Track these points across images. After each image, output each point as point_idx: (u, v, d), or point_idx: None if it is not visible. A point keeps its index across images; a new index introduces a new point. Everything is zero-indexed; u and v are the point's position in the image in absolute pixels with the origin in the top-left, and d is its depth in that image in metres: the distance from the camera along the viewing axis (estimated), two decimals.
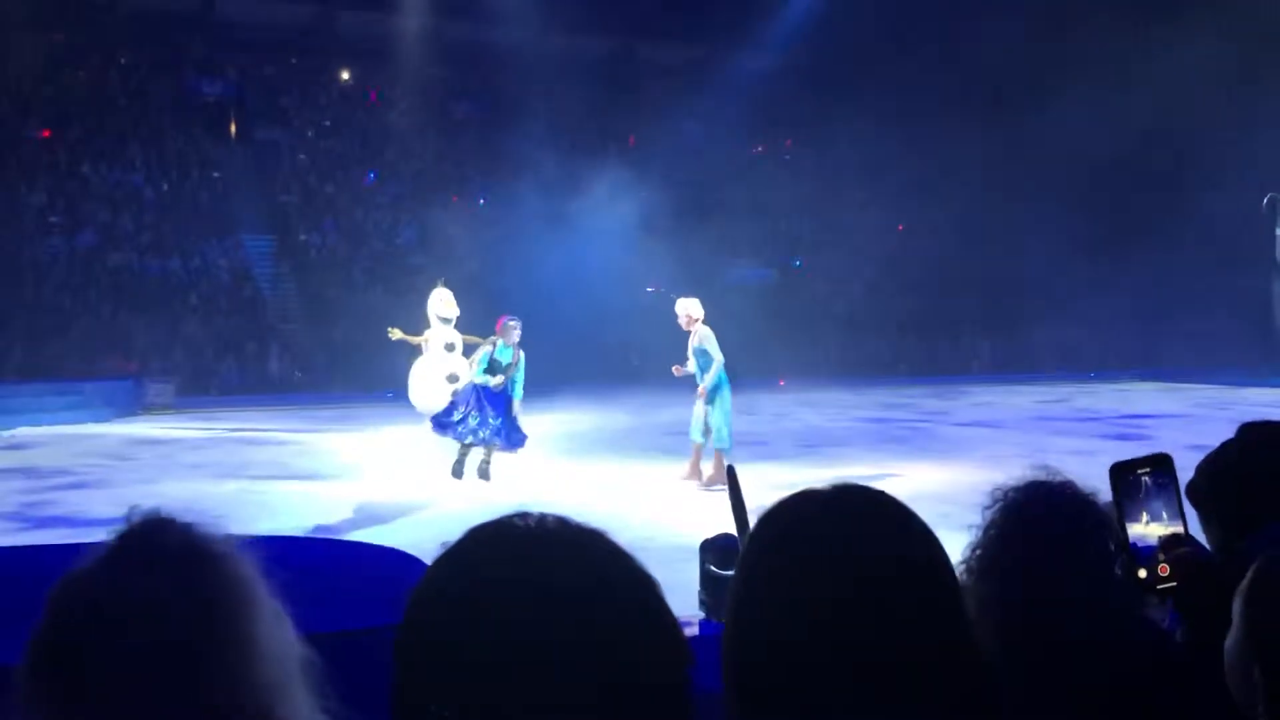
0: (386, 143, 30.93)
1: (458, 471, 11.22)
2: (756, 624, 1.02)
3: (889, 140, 28.73)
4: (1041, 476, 1.86)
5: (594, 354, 25.03)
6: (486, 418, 11.26)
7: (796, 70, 32.16)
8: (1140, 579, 1.70)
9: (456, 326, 13.41)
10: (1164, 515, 1.72)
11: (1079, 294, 25.92)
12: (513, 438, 11.39)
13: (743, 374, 15.16)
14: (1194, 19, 25.19)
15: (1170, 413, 18.29)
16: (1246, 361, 26.50)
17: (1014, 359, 27.59)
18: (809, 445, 14.48)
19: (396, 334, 13.17)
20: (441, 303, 13.46)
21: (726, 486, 2.62)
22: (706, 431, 11.12)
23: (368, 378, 23.19)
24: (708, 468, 11.06)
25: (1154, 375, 25.46)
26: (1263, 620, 1.28)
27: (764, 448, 13.75)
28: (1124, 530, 1.73)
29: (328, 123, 31.19)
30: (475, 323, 13.63)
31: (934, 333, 28.36)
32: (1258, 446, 1.99)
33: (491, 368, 11.43)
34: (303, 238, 27.80)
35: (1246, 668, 1.28)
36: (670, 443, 13.33)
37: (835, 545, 1.01)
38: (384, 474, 12.14)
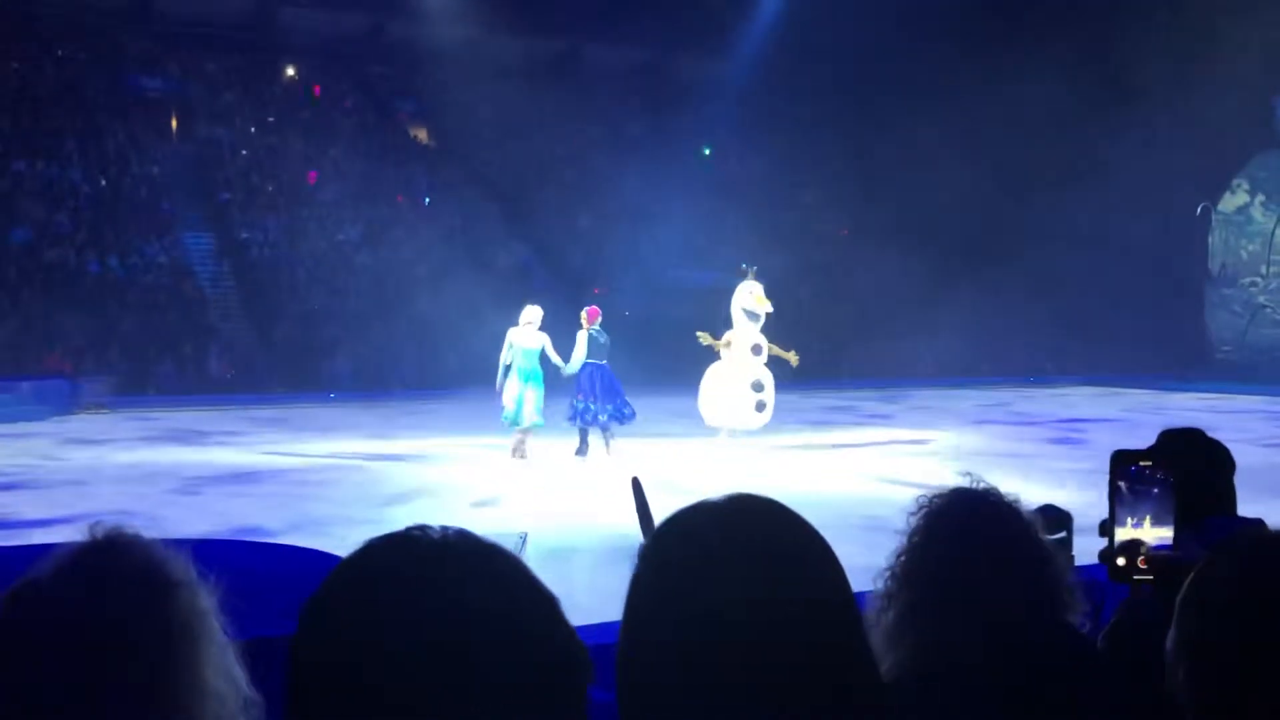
0: (330, 141, 30.61)
1: (582, 451, 12.77)
2: (649, 639, 1.01)
3: (832, 143, 29.02)
4: (965, 484, 1.88)
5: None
6: (604, 401, 12.65)
7: (744, 74, 32.33)
8: (1118, 567, 1.72)
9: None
10: (1157, 508, 1.74)
11: (1014, 298, 26.32)
12: (624, 413, 12.77)
13: (692, 378, 15.26)
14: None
15: (1105, 417, 18.63)
16: (1178, 366, 27.10)
17: (954, 363, 27.92)
18: (745, 453, 14.51)
19: (706, 339, 12.99)
20: (751, 297, 12.72)
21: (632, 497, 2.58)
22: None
23: (310, 378, 22.96)
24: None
25: (1090, 380, 25.90)
26: (1192, 621, 1.30)
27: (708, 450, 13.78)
28: (1111, 518, 1.74)
29: (271, 120, 30.81)
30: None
31: (876, 336, 28.57)
32: (1174, 454, 2.03)
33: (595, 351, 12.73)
34: (244, 236, 27.43)
35: (1175, 669, 1.30)
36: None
37: (728, 557, 1.00)
38: (322, 476, 12.00)
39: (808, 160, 31.24)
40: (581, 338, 12.81)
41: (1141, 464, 1.74)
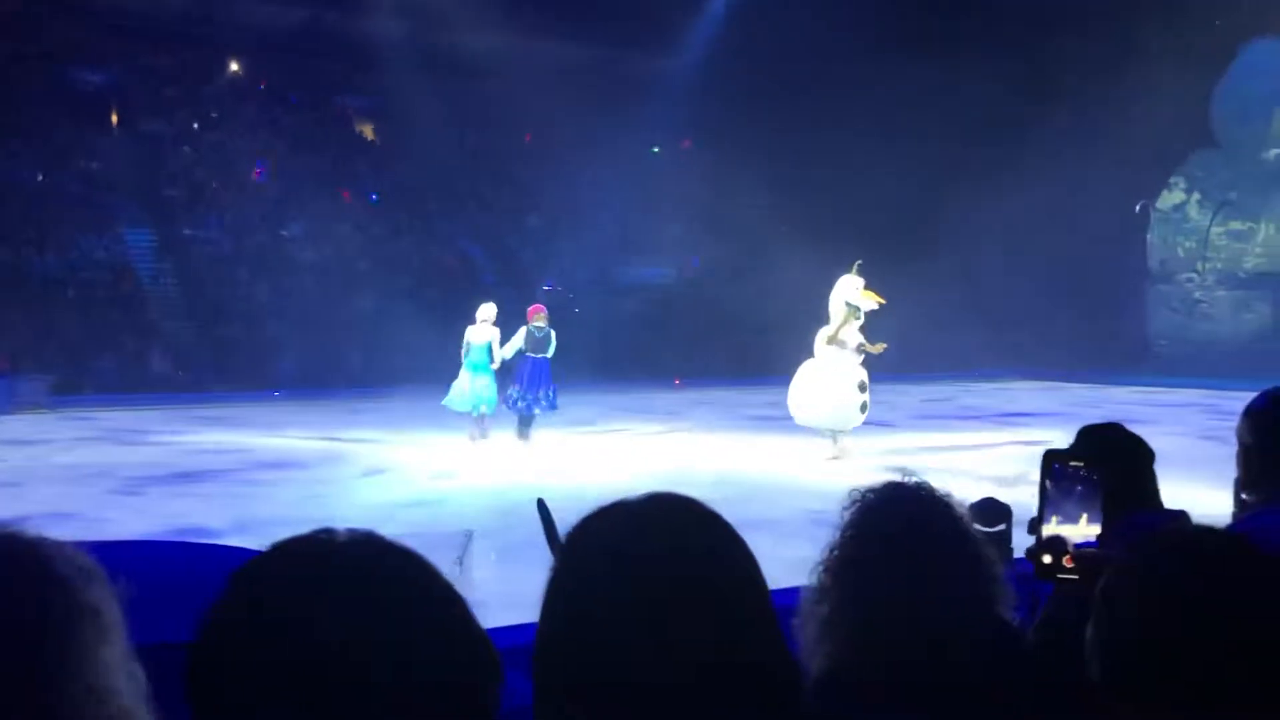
0: (275, 136, 30.23)
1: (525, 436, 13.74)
2: (564, 636, 1.01)
3: (778, 141, 29.16)
4: (897, 478, 1.90)
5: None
6: (528, 391, 13.71)
7: (698, 71, 32.40)
8: (1044, 564, 1.73)
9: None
10: (1084, 506, 1.75)
11: (955, 294, 26.63)
12: (542, 404, 13.81)
13: (639, 374, 15.41)
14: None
15: (1047, 410, 18.91)
16: (1119, 361, 27.57)
17: (905, 359, 28.16)
18: (698, 446, 14.59)
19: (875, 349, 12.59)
20: (857, 291, 12.11)
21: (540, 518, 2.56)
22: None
23: (254, 376, 22.66)
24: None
25: (1032, 374, 26.27)
26: (1104, 618, 1.32)
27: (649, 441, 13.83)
28: (1040, 515, 1.76)
29: (214, 115, 30.35)
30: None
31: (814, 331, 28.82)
32: (1095, 450, 2.06)
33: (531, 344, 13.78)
34: (186, 232, 27.02)
35: (1091, 663, 1.33)
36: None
37: (643, 554, 1.00)
38: (266, 475, 11.86)
39: (756, 158, 31.36)
40: (520, 332, 13.94)
41: (1071, 463, 1.76)
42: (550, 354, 13.89)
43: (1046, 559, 1.73)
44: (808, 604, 1.84)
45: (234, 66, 32.26)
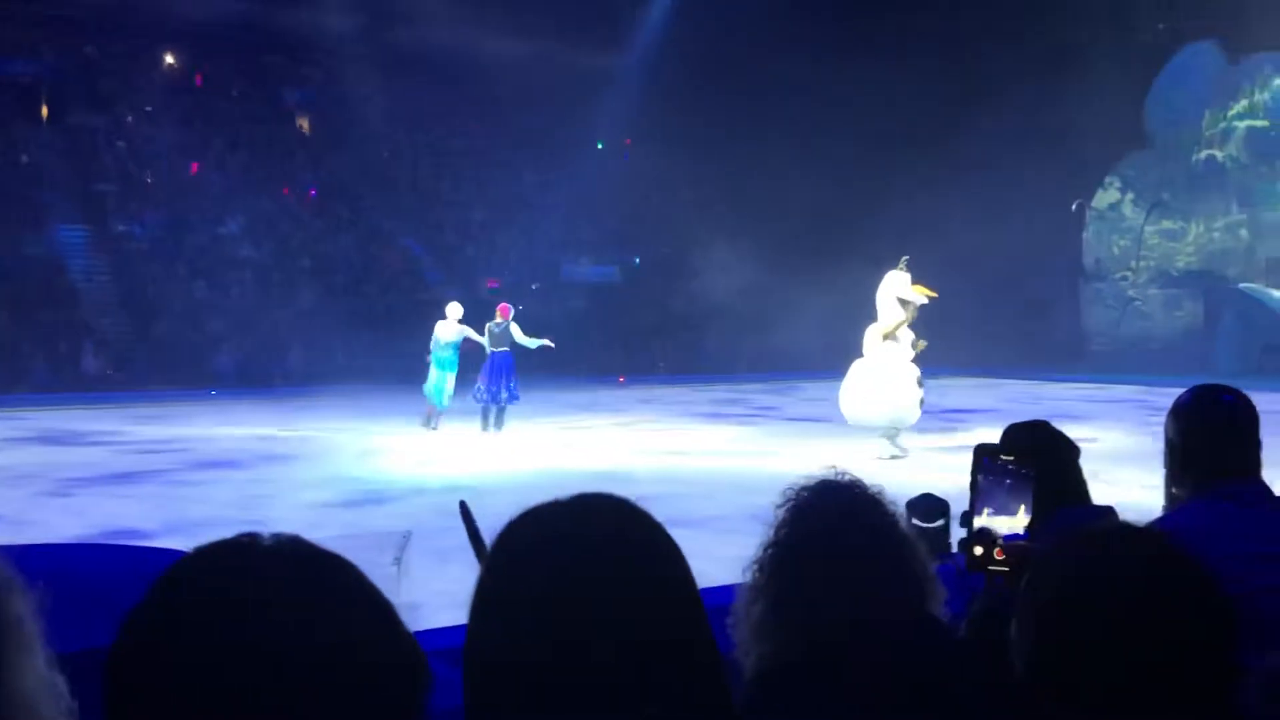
0: (213, 130, 29.74)
1: (499, 426, 14.62)
2: (492, 639, 1.00)
3: (721, 141, 29.28)
4: (829, 476, 1.91)
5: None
6: (489, 385, 14.64)
7: (642, 69, 32.41)
8: (975, 556, 1.74)
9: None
10: (1015, 499, 1.76)
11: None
12: (500, 398, 14.69)
13: (584, 371, 15.57)
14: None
15: (985, 407, 19.18)
16: (1055, 358, 28.04)
17: (843, 354, 28.39)
18: (641, 444, 14.61)
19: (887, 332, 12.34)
20: (907, 286, 11.99)
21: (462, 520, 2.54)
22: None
23: (191, 375, 22.30)
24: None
25: (970, 372, 26.63)
26: (1027, 613, 1.34)
27: (591, 440, 13.83)
28: (972, 508, 1.77)
29: (149, 109, 29.79)
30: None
31: (770, 328, 28.95)
32: (1022, 447, 2.08)
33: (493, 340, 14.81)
34: (121, 229, 26.50)
35: (1015, 658, 1.34)
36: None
37: (571, 557, 0.99)
38: (201, 476, 11.68)
39: (698, 155, 31.46)
40: (487, 329, 15.09)
41: (1003, 458, 1.78)
42: (509, 348, 14.89)
43: (978, 551, 1.74)
44: (741, 603, 1.84)
45: (169, 59, 31.70)
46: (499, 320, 15.02)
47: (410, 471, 11.85)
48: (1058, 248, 30.66)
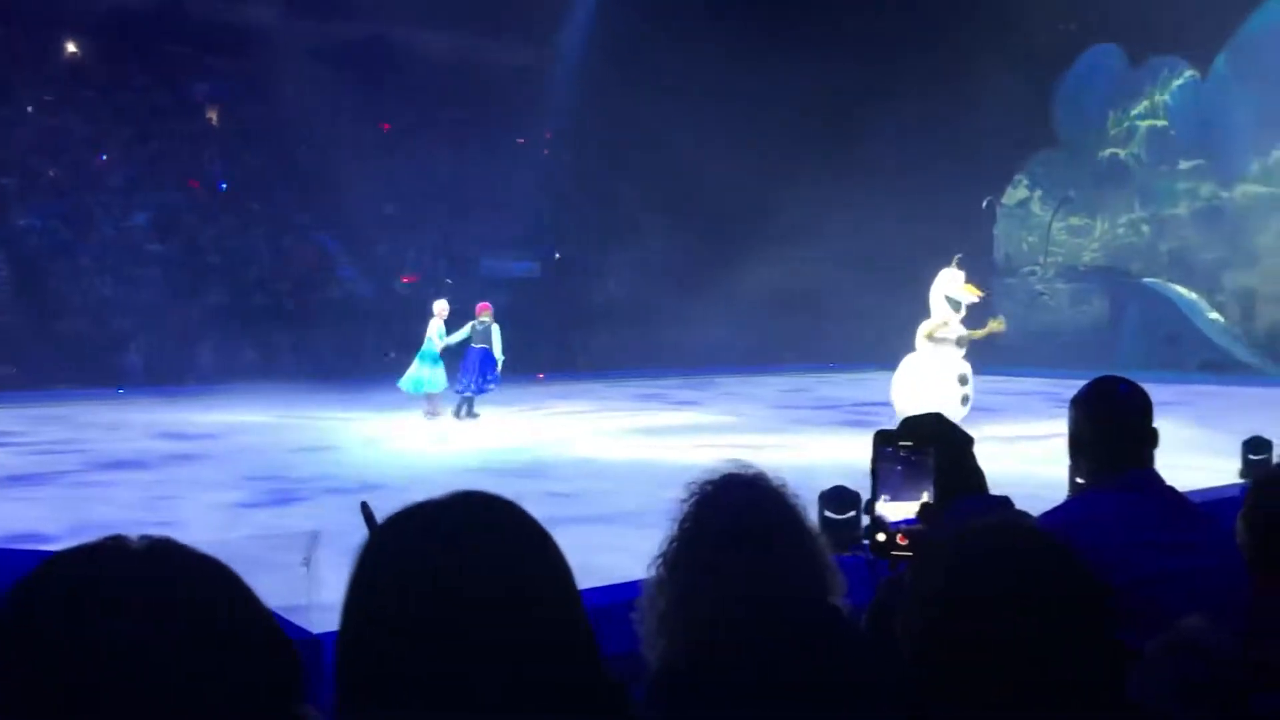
0: (118, 122, 28.92)
1: (472, 414, 15.74)
2: (362, 642, 0.97)
3: (640, 134, 29.30)
4: (734, 469, 1.91)
5: (353, 348, 24.30)
6: (466, 377, 15.80)
7: (561, 63, 32.30)
8: (878, 542, 1.74)
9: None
10: (916, 486, 1.77)
11: (808, 286, 27.27)
12: (475, 387, 15.89)
13: (504, 367, 15.67)
14: None
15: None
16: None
17: (758, 350, 28.63)
18: (563, 439, 14.58)
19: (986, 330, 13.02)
20: (956, 285, 12.03)
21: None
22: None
23: (97, 373, 21.68)
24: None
25: (885, 365, 27.05)
26: (912, 606, 1.34)
27: (513, 437, 13.78)
28: (874, 495, 1.77)
29: (49, 99, 28.85)
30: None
31: (686, 323, 29.07)
32: (920, 439, 2.10)
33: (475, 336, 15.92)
34: (21, 223, 25.63)
35: (903, 649, 1.35)
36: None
37: (443, 560, 0.97)
38: (107, 477, 11.36)
39: (616, 150, 31.47)
40: (467, 326, 16.03)
41: (901, 444, 1.78)
42: (490, 344, 15.99)
43: (880, 537, 1.75)
44: (645, 597, 1.83)
45: (71, 48, 30.75)
46: (484, 319, 16.08)
47: (321, 470, 11.67)
48: (970, 244, 31.29)
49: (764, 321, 28.08)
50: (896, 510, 1.84)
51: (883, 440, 1.77)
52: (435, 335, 15.87)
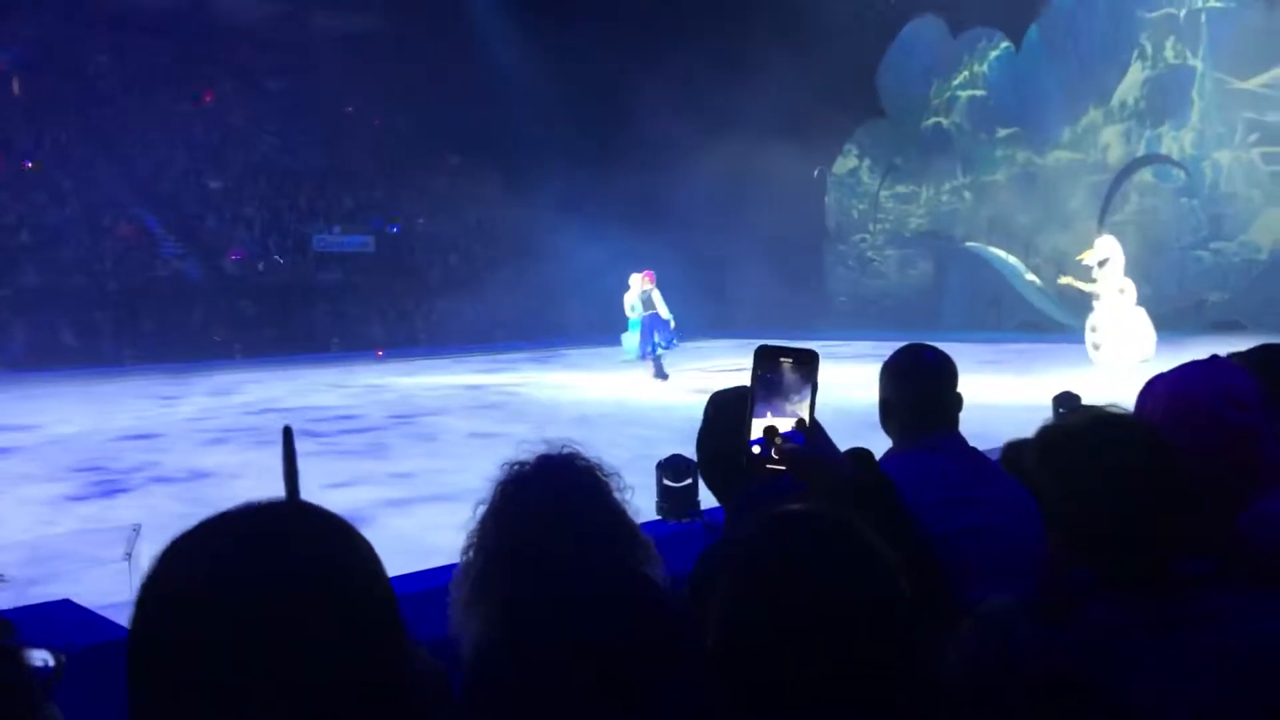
0: None
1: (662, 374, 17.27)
2: (154, 642, 0.93)
3: (468, 109, 28.94)
4: (548, 449, 1.91)
5: (180, 330, 23.28)
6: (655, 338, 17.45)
7: (385, 33, 31.52)
8: (753, 456, 1.72)
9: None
10: (797, 403, 1.75)
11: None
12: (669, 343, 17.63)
13: (339, 345, 15.13)
14: None
15: (740, 368, 19.84)
16: (806, 317, 29.36)
17: (606, 323, 28.73)
18: (401, 416, 14.35)
19: (1066, 280, 15.97)
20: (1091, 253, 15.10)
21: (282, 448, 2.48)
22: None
23: None
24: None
25: (733, 335, 27.54)
26: (723, 590, 1.37)
27: (355, 420, 13.50)
28: (751, 408, 1.74)
29: None
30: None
31: (532, 296, 28.94)
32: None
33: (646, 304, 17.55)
34: None
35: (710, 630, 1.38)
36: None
37: (242, 576, 0.93)
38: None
39: (454, 122, 30.97)
40: (636, 295, 17.75)
41: (782, 359, 1.78)
42: (658, 310, 17.51)
43: (756, 450, 1.73)
44: (456, 580, 1.82)
45: None
46: (646, 287, 17.67)
47: (147, 459, 11.21)
48: (804, 214, 32.09)
49: (605, 293, 28.19)
50: (775, 424, 1.81)
51: (764, 354, 1.77)
52: (629, 306, 17.84)
